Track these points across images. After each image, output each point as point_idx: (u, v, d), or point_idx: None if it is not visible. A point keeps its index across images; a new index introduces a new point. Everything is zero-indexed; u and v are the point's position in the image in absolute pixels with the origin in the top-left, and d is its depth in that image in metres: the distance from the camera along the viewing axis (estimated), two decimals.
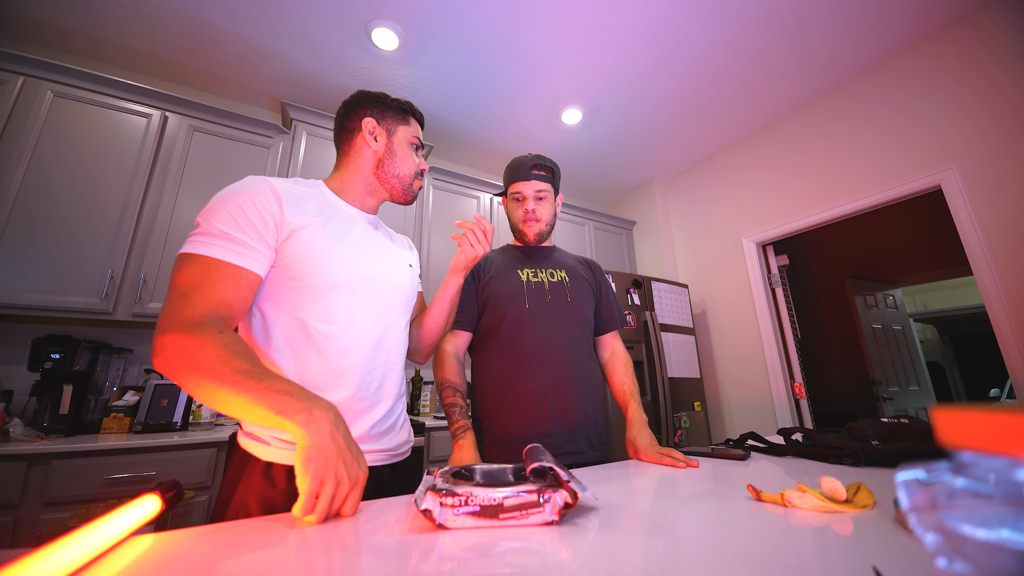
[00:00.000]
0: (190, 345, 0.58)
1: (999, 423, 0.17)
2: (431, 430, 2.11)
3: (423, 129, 0.96)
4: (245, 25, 2.05)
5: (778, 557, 0.40)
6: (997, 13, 1.94)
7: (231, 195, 0.69)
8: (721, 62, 2.32)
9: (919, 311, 6.30)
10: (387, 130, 0.88)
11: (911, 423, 0.85)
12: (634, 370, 1.21)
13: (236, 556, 0.43)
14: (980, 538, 0.17)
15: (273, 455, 0.69)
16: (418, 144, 0.92)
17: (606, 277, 1.29)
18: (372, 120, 0.86)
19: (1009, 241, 1.85)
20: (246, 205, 0.69)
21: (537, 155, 1.17)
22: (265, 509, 0.65)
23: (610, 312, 1.24)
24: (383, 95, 0.91)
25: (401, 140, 0.89)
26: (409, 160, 0.90)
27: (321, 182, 0.87)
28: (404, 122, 0.90)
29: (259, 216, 0.69)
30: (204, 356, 0.57)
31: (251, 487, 0.67)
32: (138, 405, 1.80)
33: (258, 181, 0.73)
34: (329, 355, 0.73)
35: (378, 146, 0.87)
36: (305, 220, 0.74)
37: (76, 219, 1.81)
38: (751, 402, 2.82)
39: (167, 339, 0.58)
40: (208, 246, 0.65)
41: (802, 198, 2.66)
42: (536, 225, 1.17)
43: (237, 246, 0.66)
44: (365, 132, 0.86)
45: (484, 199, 2.99)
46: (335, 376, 0.73)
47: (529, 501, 0.50)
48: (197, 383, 0.57)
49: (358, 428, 0.75)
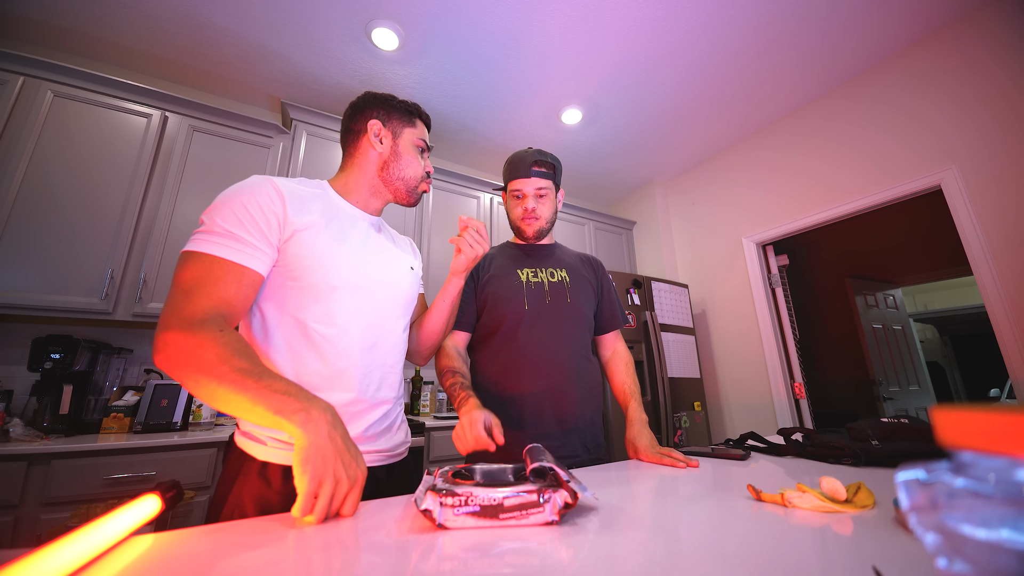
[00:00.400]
0: (191, 343, 0.58)
1: (999, 423, 0.17)
2: (431, 430, 2.11)
3: (429, 131, 0.96)
4: (245, 25, 2.05)
5: (778, 557, 0.40)
6: (997, 13, 1.94)
7: (236, 194, 0.70)
8: (721, 62, 2.32)
9: (919, 311, 6.30)
10: (393, 132, 0.87)
11: (911, 423, 0.85)
12: (635, 369, 1.20)
13: (236, 556, 0.43)
14: (980, 538, 0.17)
15: (269, 455, 0.69)
16: (424, 147, 0.91)
17: (608, 275, 1.26)
18: (378, 122, 0.86)
19: (1009, 241, 1.85)
20: (250, 204, 0.69)
21: (538, 150, 1.13)
22: (260, 509, 0.65)
23: (612, 311, 1.22)
24: (390, 97, 0.90)
25: (407, 143, 0.88)
26: (414, 163, 0.89)
27: (326, 183, 0.87)
28: (410, 124, 0.90)
29: (263, 215, 0.69)
30: (204, 354, 0.58)
31: (247, 487, 0.67)
32: (138, 405, 1.80)
33: (263, 180, 0.73)
34: (327, 356, 0.73)
35: (383, 148, 0.87)
36: (308, 221, 0.73)
37: (76, 219, 1.81)
38: (751, 402, 2.82)
39: (168, 336, 0.59)
40: (212, 244, 0.65)
41: (802, 198, 2.66)
42: (536, 223, 1.14)
43: (241, 245, 0.66)
44: (370, 134, 0.86)
45: (484, 199, 2.99)
46: (333, 377, 0.73)
47: (529, 501, 0.50)
48: (197, 381, 0.57)
49: (355, 429, 0.74)
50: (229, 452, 0.73)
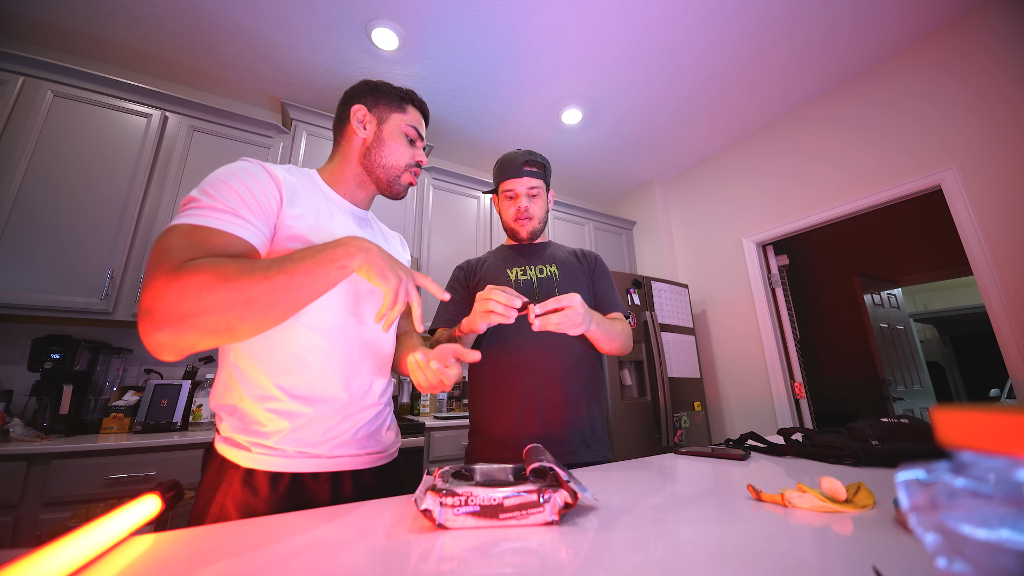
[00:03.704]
0: (183, 276, 0.50)
1: (999, 423, 0.17)
2: (431, 430, 2.11)
3: (428, 122, 0.91)
4: (245, 25, 2.05)
5: (778, 557, 0.40)
6: (997, 13, 1.94)
7: (233, 173, 0.65)
8: (721, 62, 2.32)
9: (919, 311, 6.30)
10: (378, 117, 0.83)
11: (911, 423, 0.85)
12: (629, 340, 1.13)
13: (236, 555, 0.43)
14: (980, 538, 0.17)
15: (254, 461, 0.65)
16: (415, 135, 0.86)
17: (603, 263, 1.23)
18: (363, 107, 0.83)
19: (1009, 241, 1.85)
20: (252, 185, 0.65)
21: (527, 151, 1.13)
22: (246, 518, 0.62)
23: (605, 299, 1.17)
24: (382, 83, 0.86)
25: (393, 128, 0.84)
26: (399, 150, 0.84)
27: (314, 171, 0.83)
28: (400, 110, 0.85)
29: (265, 197, 0.66)
30: (202, 277, 0.50)
31: (231, 495, 0.64)
32: (138, 405, 1.80)
33: (257, 165, 0.69)
34: (312, 357, 0.70)
35: (366, 133, 0.83)
36: (297, 211, 0.70)
37: (76, 219, 1.81)
38: (751, 402, 2.82)
39: (157, 284, 0.50)
40: (212, 219, 0.58)
41: (802, 198, 2.66)
42: (529, 223, 1.14)
43: (244, 221, 0.61)
44: (354, 120, 0.83)
45: (484, 199, 3.00)
46: (322, 380, 0.71)
47: (529, 501, 0.50)
48: (212, 304, 0.50)
49: (343, 433, 0.72)
50: (210, 459, 0.69)
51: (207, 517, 0.63)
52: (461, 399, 2.75)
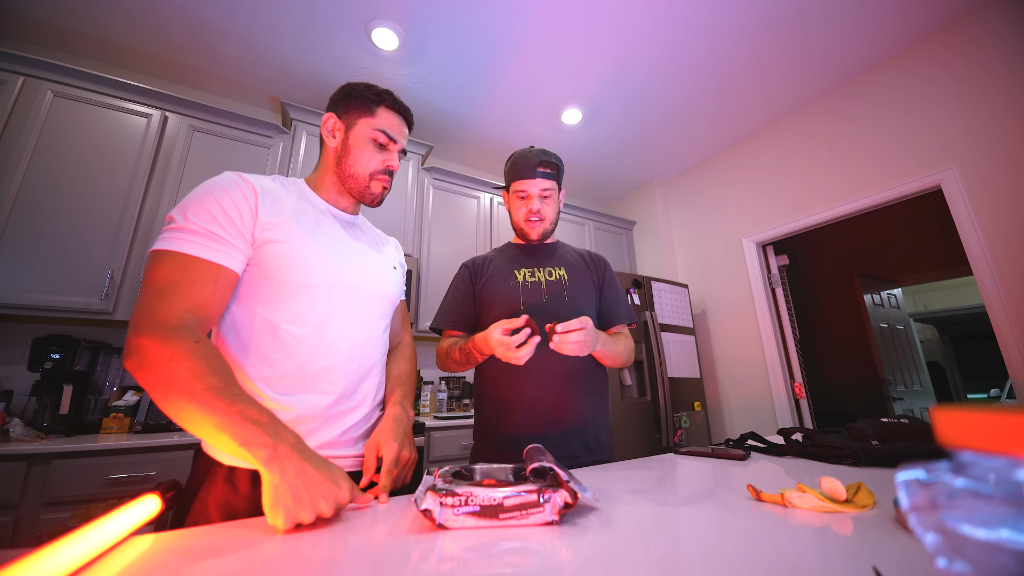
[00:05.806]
0: (164, 353, 0.55)
1: (999, 423, 0.17)
2: (431, 430, 2.11)
3: (413, 124, 0.89)
4: (245, 25, 2.05)
5: (778, 557, 0.40)
6: (997, 13, 1.94)
7: (208, 190, 0.67)
8: (721, 62, 2.32)
9: (919, 311, 6.30)
10: (347, 124, 0.82)
11: (911, 423, 0.85)
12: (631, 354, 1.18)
13: (236, 555, 0.43)
14: (980, 538, 0.17)
15: (236, 459, 0.66)
16: (385, 139, 0.82)
17: (611, 270, 1.22)
18: (332, 115, 0.82)
19: (1009, 241, 1.85)
20: (224, 201, 0.66)
21: (541, 150, 1.11)
22: (226, 515, 0.63)
23: (612, 306, 1.17)
24: (356, 86, 0.83)
25: (358, 135, 0.81)
26: (364, 157, 0.81)
27: (302, 180, 0.84)
28: (367, 114, 0.81)
29: (237, 212, 0.67)
30: (177, 367, 0.55)
31: (212, 493, 0.64)
32: (138, 405, 1.80)
33: (234, 177, 0.70)
34: (300, 358, 0.70)
35: (335, 142, 0.82)
36: (279, 219, 0.71)
37: (76, 219, 1.81)
38: (751, 402, 2.82)
39: (141, 340, 0.56)
40: (186, 243, 0.62)
41: (802, 198, 2.66)
42: (540, 225, 1.12)
43: (216, 243, 0.64)
44: (324, 129, 0.83)
45: (484, 199, 2.99)
46: (306, 380, 0.71)
47: (529, 501, 0.50)
48: (166, 394, 0.55)
49: (330, 433, 0.72)
50: (197, 459, 0.70)
51: (188, 515, 0.64)
52: (461, 399, 2.75)
